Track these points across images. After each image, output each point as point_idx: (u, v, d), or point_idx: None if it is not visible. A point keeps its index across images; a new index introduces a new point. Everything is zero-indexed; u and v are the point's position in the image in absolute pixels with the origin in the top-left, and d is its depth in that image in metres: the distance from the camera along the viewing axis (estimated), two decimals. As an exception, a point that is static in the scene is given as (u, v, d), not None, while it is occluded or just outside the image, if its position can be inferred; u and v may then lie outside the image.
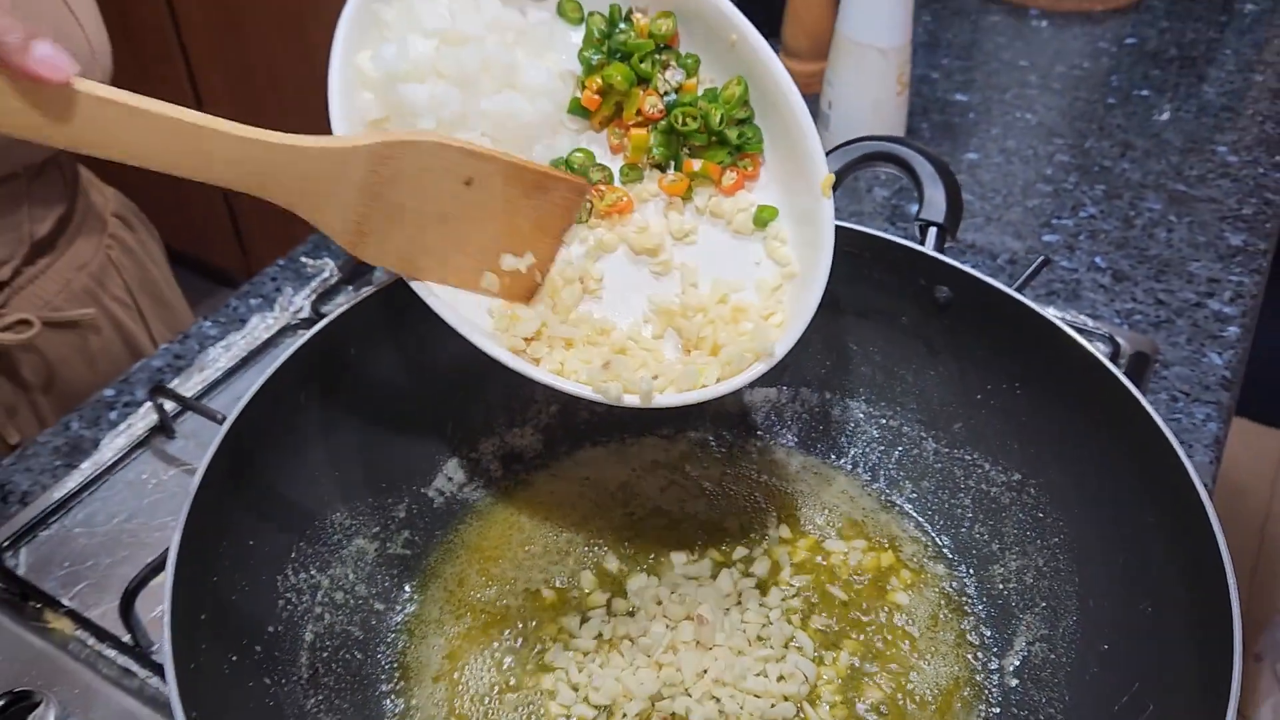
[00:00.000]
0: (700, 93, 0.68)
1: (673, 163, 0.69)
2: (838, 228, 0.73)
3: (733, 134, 0.67)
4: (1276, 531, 2.20)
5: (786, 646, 0.65)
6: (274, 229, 1.10)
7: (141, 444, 0.89)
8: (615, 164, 0.69)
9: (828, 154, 0.76)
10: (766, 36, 0.66)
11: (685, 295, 0.64)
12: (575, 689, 0.63)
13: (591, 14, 0.67)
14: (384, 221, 0.57)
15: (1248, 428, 2.34)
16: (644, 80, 0.68)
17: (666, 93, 0.68)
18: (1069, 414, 0.67)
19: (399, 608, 0.70)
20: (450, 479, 0.76)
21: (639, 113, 0.68)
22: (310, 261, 1.06)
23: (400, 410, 0.74)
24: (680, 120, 0.67)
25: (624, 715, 0.61)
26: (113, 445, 0.90)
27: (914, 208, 0.78)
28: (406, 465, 0.75)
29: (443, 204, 0.59)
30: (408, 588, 0.71)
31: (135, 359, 1.02)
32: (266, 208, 0.57)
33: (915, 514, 0.75)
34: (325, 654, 0.65)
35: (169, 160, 0.50)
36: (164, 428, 0.89)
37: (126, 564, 0.79)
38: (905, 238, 0.73)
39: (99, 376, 1.04)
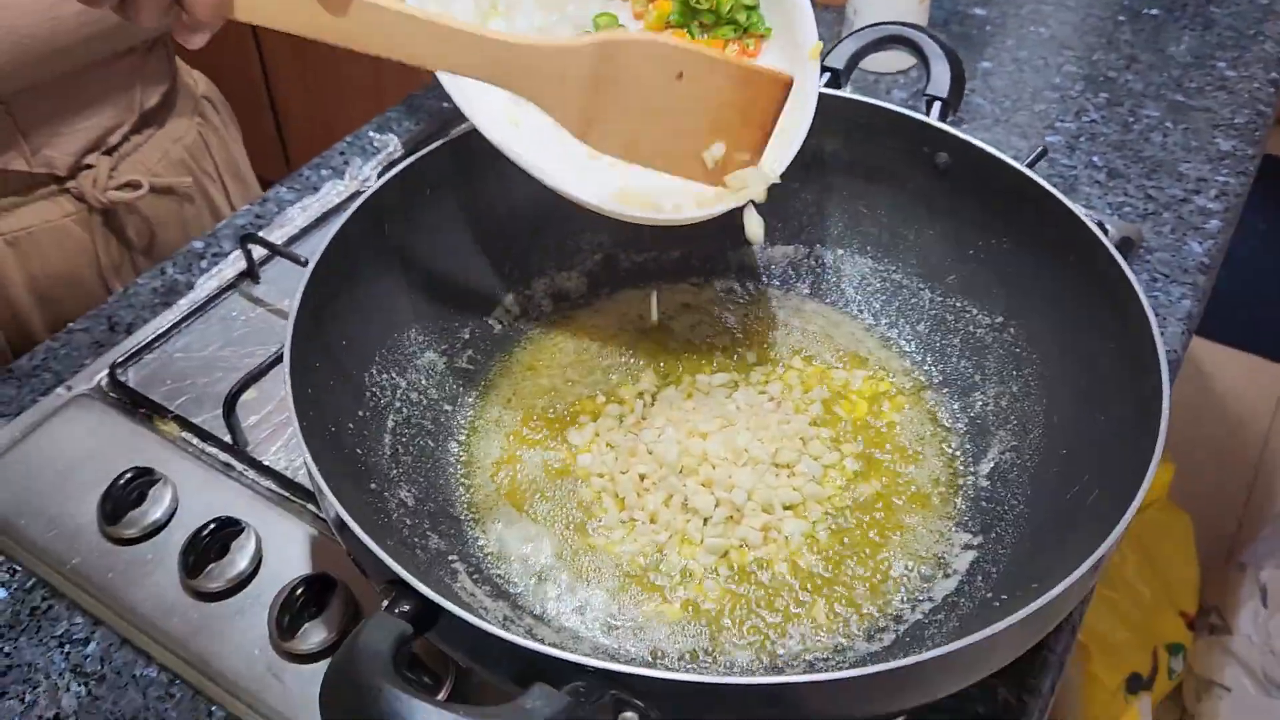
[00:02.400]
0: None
1: (686, 32, 0.79)
2: (857, 101, 0.84)
3: (741, 16, 0.78)
4: (1272, 459, 2.29)
5: (802, 442, 0.76)
6: (319, 144, 1.21)
7: (230, 287, 1.01)
8: (635, 27, 0.79)
9: (845, 38, 0.86)
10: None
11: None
12: (609, 446, 0.75)
13: None
14: (607, 111, 0.64)
15: (1252, 362, 2.42)
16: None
17: None
18: (1049, 267, 0.76)
19: (463, 410, 0.82)
20: (508, 311, 0.86)
21: None
22: (377, 136, 1.17)
23: (466, 250, 0.85)
24: None
25: (650, 482, 0.73)
26: (205, 287, 1.01)
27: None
28: (470, 297, 0.86)
29: (658, 96, 0.65)
30: (471, 395, 0.83)
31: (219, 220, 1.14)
32: (315, 125, 0.66)
33: (911, 351, 0.83)
34: (404, 439, 0.77)
35: (428, 57, 0.58)
36: (250, 273, 1.01)
37: (222, 383, 0.90)
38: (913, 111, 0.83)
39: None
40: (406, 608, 0.52)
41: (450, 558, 0.70)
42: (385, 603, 0.52)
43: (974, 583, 0.68)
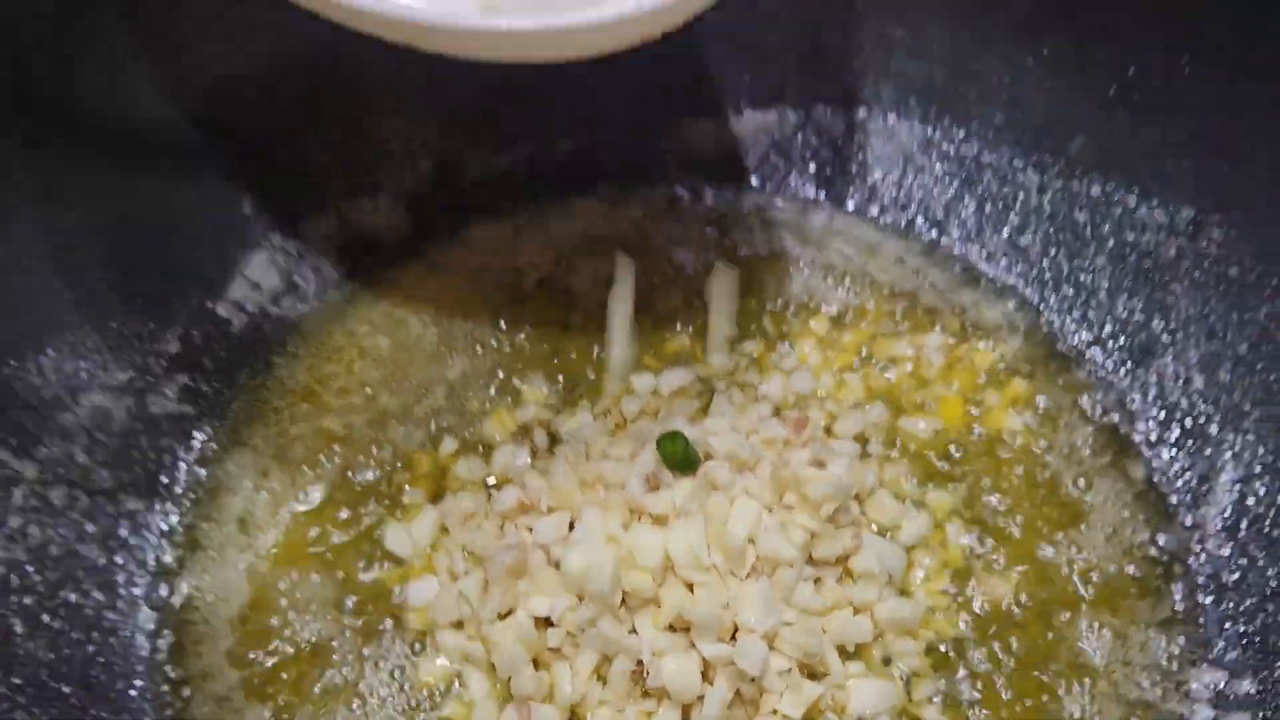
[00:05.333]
0: None
1: None
2: None
3: None
4: None
5: (857, 501, 0.43)
6: None
7: None
8: None
9: None
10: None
11: None
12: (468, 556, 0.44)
13: None
14: None
15: None
16: None
17: None
18: None
19: (170, 500, 0.45)
20: (255, 285, 0.53)
21: None
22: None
23: (167, 165, 0.50)
24: None
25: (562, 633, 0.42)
26: None
27: None
28: (178, 263, 0.50)
29: None
30: (188, 467, 0.45)
31: None
32: None
33: (1019, 286, 0.53)
34: (27, 611, 0.37)
35: None
36: None
37: None
38: None
39: None
40: None
41: None
42: None
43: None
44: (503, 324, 0.53)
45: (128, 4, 0.48)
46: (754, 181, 0.59)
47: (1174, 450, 0.47)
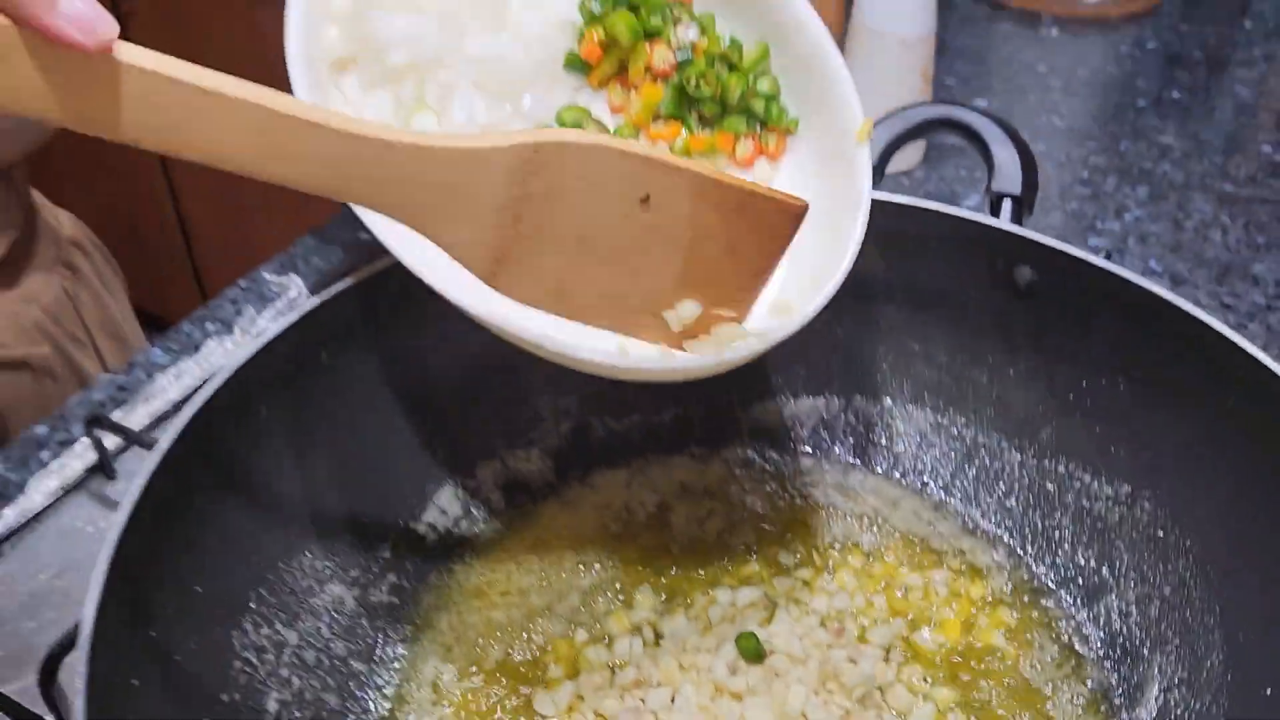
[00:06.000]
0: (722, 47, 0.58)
1: (682, 126, 0.58)
2: (901, 206, 0.63)
3: (758, 106, 0.57)
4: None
5: (880, 693, 0.53)
6: (238, 271, 0.98)
7: (77, 486, 0.76)
8: (614, 124, 0.58)
9: (875, 125, 0.66)
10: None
11: None
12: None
13: None
14: (530, 246, 0.45)
15: None
16: (652, 35, 0.57)
17: (680, 47, 0.57)
18: (1192, 410, 0.57)
19: (384, 667, 0.57)
20: (443, 511, 0.65)
21: (647, 68, 0.57)
22: (274, 279, 0.93)
23: (382, 429, 0.63)
24: (693, 84, 0.56)
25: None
26: (42, 488, 0.76)
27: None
28: (391, 496, 0.63)
29: (609, 227, 0.46)
30: (395, 644, 0.58)
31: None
32: (231, 248, 0.45)
33: (1003, 535, 0.65)
34: (295, 726, 0.51)
35: (245, 159, 0.38)
36: (103, 466, 0.76)
37: (54, 628, 0.64)
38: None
39: None
40: None
41: None
42: None
43: None
44: (620, 547, 0.65)
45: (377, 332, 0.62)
46: (807, 449, 0.71)
47: (1117, 665, 0.57)
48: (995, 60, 1.30)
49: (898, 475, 0.69)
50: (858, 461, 0.70)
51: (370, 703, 0.56)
